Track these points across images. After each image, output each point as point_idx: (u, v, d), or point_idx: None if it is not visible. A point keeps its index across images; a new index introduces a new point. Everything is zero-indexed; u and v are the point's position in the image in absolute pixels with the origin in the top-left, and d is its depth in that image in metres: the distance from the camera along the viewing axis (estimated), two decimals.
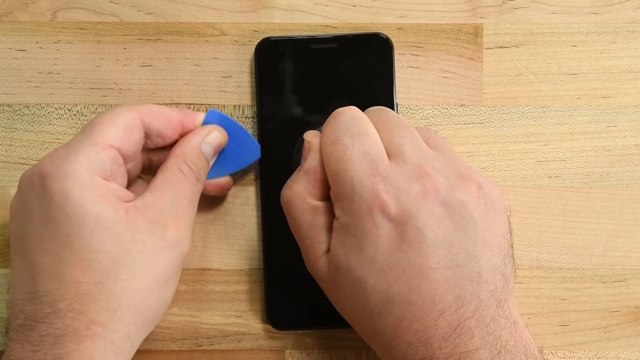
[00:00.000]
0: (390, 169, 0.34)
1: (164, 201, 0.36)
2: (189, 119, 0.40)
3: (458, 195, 0.34)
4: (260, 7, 0.44)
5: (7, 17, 0.44)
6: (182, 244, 0.37)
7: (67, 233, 0.34)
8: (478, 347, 0.32)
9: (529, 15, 0.44)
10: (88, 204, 0.34)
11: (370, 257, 0.34)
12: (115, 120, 0.36)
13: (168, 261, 0.36)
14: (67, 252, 0.34)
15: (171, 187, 0.37)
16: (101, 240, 0.34)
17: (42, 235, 0.34)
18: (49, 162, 0.35)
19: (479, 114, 0.44)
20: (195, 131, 0.39)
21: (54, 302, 0.33)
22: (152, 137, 0.38)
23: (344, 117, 0.37)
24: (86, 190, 0.34)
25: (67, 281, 0.33)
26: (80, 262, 0.34)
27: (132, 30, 0.44)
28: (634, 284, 0.44)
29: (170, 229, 0.36)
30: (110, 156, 0.35)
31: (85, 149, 0.35)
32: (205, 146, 0.39)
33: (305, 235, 0.37)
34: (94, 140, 0.35)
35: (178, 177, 0.37)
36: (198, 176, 0.38)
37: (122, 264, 0.34)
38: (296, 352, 0.44)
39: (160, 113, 0.38)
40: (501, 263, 0.34)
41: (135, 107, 0.37)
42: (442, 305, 0.33)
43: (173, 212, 0.36)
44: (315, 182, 0.37)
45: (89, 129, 0.36)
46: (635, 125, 0.44)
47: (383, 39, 0.43)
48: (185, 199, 0.37)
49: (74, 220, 0.34)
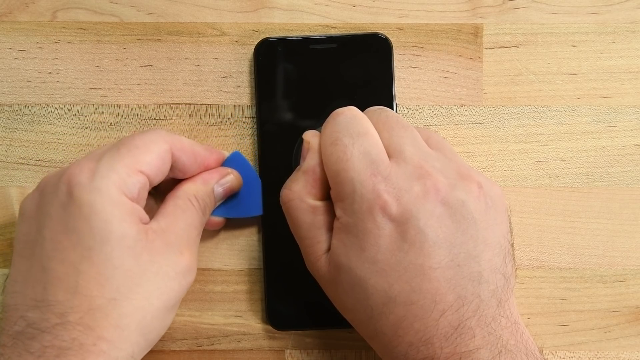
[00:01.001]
0: (390, 168, 0.34)
1: (178, 227, 0.37)
2: (213, 157, 0.40)
3: (459, 195, 0.34)
4: (260, 7, 0.44)
5: (7, 17, 0.44)
6: (192, 273, 0.37)
7: (89, 246, 0.33)
8: (479, 346, 0.32)
9: (529, 15, 0.44)
10: (114, 221, 0.34)
11: (371, 257, 0.34)
12: (151, 148, 0.36)
13: (179, 287, 0.36)
14: (85, 264, 0.33)
15: (183, 215, 0.37)
16: (121, 258, 0.34)
17: (61, 243, 0.34)
18: (79, 172, 0.35)
19: (479, 114, 0.44)
20: (215, 170, 0.40)
21: (64, 313, 0.33)
22: (176, 170, 0.39)
23: (343, 117, 0.37)
24: (114, 208, 0.34)
25: (81, 294, 0.33)
26: (97, 277, 0.33)
27: (132, 30, 0.44)
28: (634, 284, 0.44)
29: (185, 255, 0.36)
30: (140, 181, 0.36)
31: (118, 168, 0.35)
32: (217, 187, 0.40)
33: (304, 235, 0.37)
34: (128, 162, 0.35)
35: (188, 206, 0.38)
36: (204, 211, 0.39)
37: (138, 283, 0.34)
38: (296, 352, 0.44)
39: (190, 149, 0.38)
40: (502, 263, 0.34)
41: (170, 138, 0.38)
42: (443, 305, 0.33)
43: (186, 239, 0.37)
44: (314, 182, 0.37)
45: (125, 149, 0.36)
46: (635, 125, 0.44)
47: (382, 39, 0.43)
48: (195, 229, 0.38)
49: (98, 234, 0.33)
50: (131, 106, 0.44)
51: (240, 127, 0.44)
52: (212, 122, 0.44)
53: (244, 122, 0.44)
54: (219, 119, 0.44)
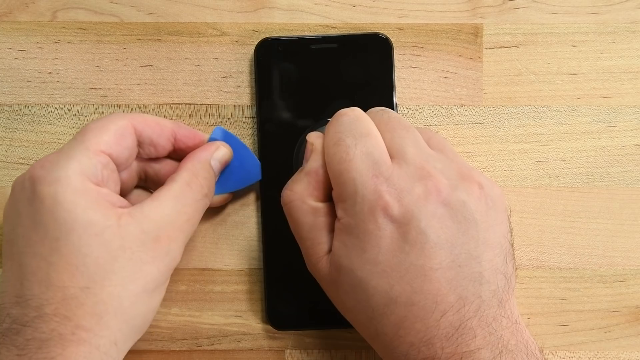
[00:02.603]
0: (392, 170, 0.34)
1: (161, 212, 0.36)
2: (182, 129, 0.40)
3: (460, 195, 0.34)
4: (260, 7, 0.44)
5: (7, 17, 0.44)
6: (172, 256, 0.36)
7: (56, 237, 0.33)
8: (480, 346, 0.32)
9: (529, 15, 0.44)
10: (78, 209, 0.34)
11: (372, 258, 0.34)
12: (107, 127, 0.36)
13: (157, 270, 0.36)
14: (54, 256, 0.33)
15: (173, 200, 0.36)
16: (89, 246, 0.34)
17: (31, 239, 0.34)
18: (40, 167, 0.35)
19: (479, 114, 0.44)
20: (203, 147, 0.40)
21: (40, 306, 0.33)
22: (145, 145, 0.38)
23: (346, 117, 0.37)
24: (77, 196, 0.34)
25: (54, 285, 0.33)
26: (67, 267, 0.33)
27: (132, 30, 0.44)
28: (634, 284, 0.44)
29: (162, 241, 0.36)
30: (102, 162, 0.35)
31: (76, 155, 0.35)
32: (214, 162, 0.39)
33: (305, 236, 0.37)
34: (86, 145, 0.35)
35: (184, 191, 0.37)
36: (207, 192, 0.38)
37: (110, 270, 0.34)
38: (296, 352, 0.44)
39: (153, 122, 0.38)
40: (502, 263, 0.34)
41: (129, 115, 0.38)
42: (444, 306, 0.33)
43: (169, 225, 0.36)
44: (316, 184, 0.37)
45: (81, 135, 0.36)
46: (635, 125, 0.44)
47: (383, 39, 0.43)
48: (185, 215, 0.37)
49: (63, 225, 0.33)
50: (131, 106, 0.44)
51: (240, 127, 0.44)
52: (212, 122, 0.44)
53: (244, 122, 0.44)
54: (219, 119, 0.44)
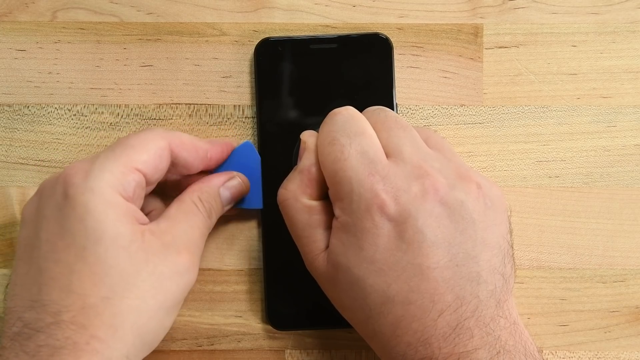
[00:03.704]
0: (389, 168, 0.34)
1: (178, 228, 0.36)
2: (216, 149, 0.40)
3: (458, 195, 0.34)
4: (260, 7, 0.44)
5: (7, 17, 0.44)
6: (191, 273, 0.37)
7: (83, 246, 0.33)
8: (477, 347, 0.32)
9: (529, 15, 0.44)
10: (108, 221, 0.34)
11: (369, 256, 0.34)
12: (147, 146, 0.36)
13: (176, 287, 0.36)
14: (79, 264, 0.33)
15: (185, 217, 0.37)
16: (116, 257, 0.34)
17: (57, 244, 0.34)
18: (74, 173, 0.35)
19: (479, 114, 0.44)
20: (219, 174, 0.40)
21: (57, 312, 0.33)
22: (178, 167, 0.39)
23: (340, 117, 0.37)
24: (108, 208, 0.34)
25: (75, 292, 0.33)
26: (91, 276, 0.33)
27: (132, 30, 0.44)
28: (634, 284, 0.44)
29: (183, 255, 0.36)
30: (136, 179, 0.36)
31: (113, 168, 0.35)
32: (224, 190, 0.40)
33: (300, 234, 0.37)
34: (123, 161, 0.35)
35: (192, 209, 0.38)
36: (210, 214, 0.39)
37: (132, 282, 0.34)
38: (296, 352, 0.44)
39: (190, 144, 0.39)
40: (500, 263, 0.34)
41: (168, 135, 0.38)
42: (442, 305, 0.33)
43: (186, 240, 0.36)
44: (309, 182, 0.37)
45: (120, 149, 0.36)
46: (635, 125, 0.44)
47: (383, 39, 0.43)
48: (198, 230, 0.37)
49: (92, 234, 0.33)
50: (131, 106, 0.44)
51: (240, 127, 0.44)
52: (212, 122, 0.44)
53: (244, 122, 0.44)
54: (219, 119, 0.44)
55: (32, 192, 0.43)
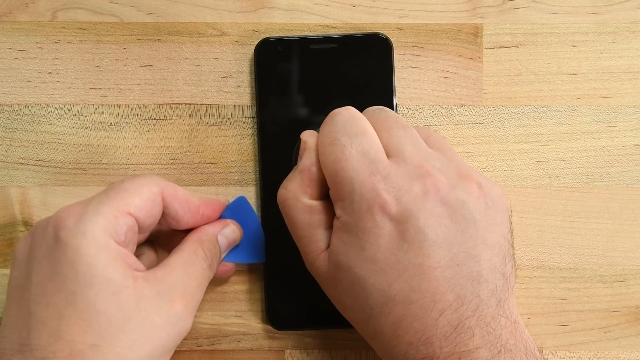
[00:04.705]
0: (390, 168, 0.34)
1: (174, 277, 0.36)
2: (210, 207, 0.40)
3: (458, 194, 0.34)
4: (260, 7, 0.44)
5: (7, 17, 0.44)
6: (184, 322, 0.36)
7: (73, 290, 0.33)
8: (478, 346, 0.32)
9: (529, 15, 0.44)
10: (99, 265, 0.33)
11: (370, 256, 0.34)
12: (140, 190, 0.36)
13: (167, 335, 0.35)
14: (69, 309, 0.33)
15: (184, 266, 0.37)
16: (105, 303, 0.33)
17: (46, 287, 0.33)
18: (66, 216, 0.34)
19: (479, 114, 0.44)
20: (214, 222, 0.40)
21: (45, 357, 0.32)
22: (169, 218, 0.38)
23: (340, 117, 0.37)
24: (100, 252, 0.33)
25: (63, 339, 0.33)
26: (79, 322, 0.33)
27: (132, 30, 0.44)
28: (634, 284, 0.44)
29: (177, 304, 0.35)
30: (128, 224, 0.35)
31: (105, 212, 0.34)
32: (221, 237, 0.40)
33: (301, 234, 0.37)
34: (116, 205, 0.35)
35: (192, 259, 0.37)
36: (211, 263, 0.39)
37: (122, 330, 0.33)
38: (296, 352, 0.44)
39: (183, 197, 0.38)
40: (501, 262, 0.34)
41: (162, 183, 0.37)
42: (443, 305, 0.33)
43: (182, 289, 0.36)
44: (309, 182, 0.37)
45: (113, 193, 0.35)
46: (635, 125, 0.44)
47: (383, 39, 0.43)
48: (196, 280, 0.37)
49: (82, 278, 0.33)
50: (131, 106, 0.44)
51: (240, 127, 0.44)
52: (212, 122, 0.44)
53: (244, 122, 0.44)
54: (219, 119, 0.44)
55: (32, 192, 0.43)
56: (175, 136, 0.44)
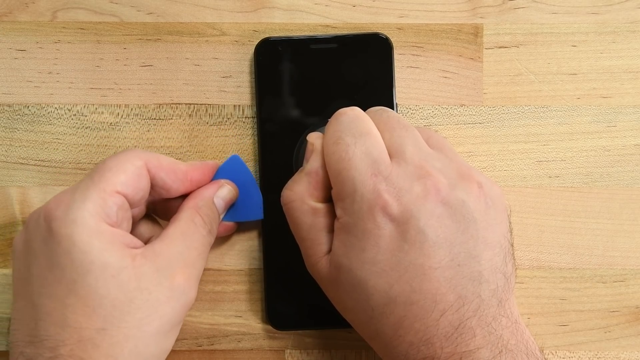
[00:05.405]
0: (391, 169, 0.34)
1: (173, 250, 0.36)
2: (198, 172, 0.40)
3: (459, 195, 0.34)
4: (260, 7, 0.44)
5: (7, 17, 0.44)
6: (187, 295, 0.36)
7: (73, 279, 0.33)
8: (479, 346, 0.32)
9: (529, 15, 0.44)
10: (94, 251, 0.33)
11: (371, 257, 0.34)
12: (123, 167, 0.36)
13: (172, 310, 0.35)
14: (71, 297, 0.33)
15: (182, 237, 0.37)
16: (106, 287, 0.33)
17: (47, 279, 0.34)
18: (55, 207, 0.34)
19: (479, 114, 0.44)
20: (208, 185, 0.40)
21: (55, 346, 0.33)
22: (157, 188, 0.38)
23: (346, 117, 0.37)
24: (93, 237, 0.33)
25: (70, 326, 0.33)
26: (84, 308, 0.33)
27: (132, 30, 0.44)
28: (634, 284, 0.44)
29: (178, 278, 0.35)
30: (117, 203, 0.35)
31: (93, 196, 0.34)
32: (217, 199, 0.40)
33: (305, 236, 0.37)
34: (102, 186, 0.35)
35: (190, 228, 0.37)
36: (210, 228, 0.38)
37: (126, 311, 0.34)
38: (296, 352, 0.44)
39: (168, 166, 0.38)
40: (502, 262, 0.34)
41: (145, 155, 0.37)
42: (444, 305, 0.33)
43: (182, 262, 0.36)
44: (316, 184, 0.37)
45: (97, 175, 0.35)
46: (635, 125, 0.44)
47: (383, 39, 0.43)
48: (195, 250, 0.37)
49: (79, 266, 0.33)
50: (131, 106, 0.44)
51: (240, 127, 0.44)
52: (212, 122, 0.44)
53: (244, 122, 0.44)
54: (219, 119, 0.44)
55: (32, 192, 0.43)
56: (175, 136, 0.44)
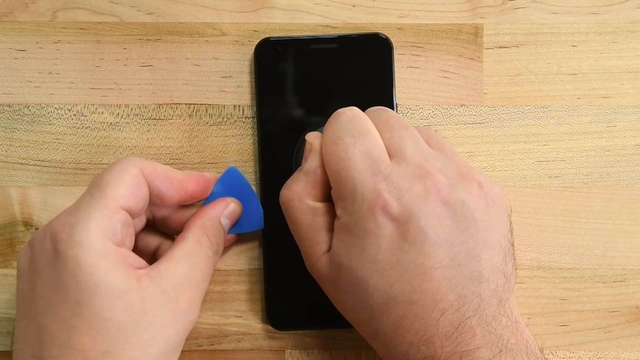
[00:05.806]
0: (391, 168, 0.34)
1: (178, 272, 0.36)
2: (192, 181, 0.39)
3: (459, 194, 0.34)
4: (260, 7, 0.44)
5: (7, 17, 0.44)
6: (190, 316, 0.36)
7: (78, 301, 0.33)
8: (479, 345, 0.32)
9: (529, 15, 0.44)
10: (100, 273, 0.33)
11: (371, 256, 0.34)
12: (121, 179, 0.36)
13: (175, 332, 0.35)
14: (76, 319, 0.33)
15: (188, 259, 0.36)
16: (111, 310, 0.33)
17: (52, 300, 0.34)
18: (61, 228, 0.34)
19: (479, 114, 0.44)
20: (214, 203, 0.40)
21: None
22: (152, 196, 0.38)
23: (344, 117, 0.37)
24: (99, 259, 0.33)
25: (74, 349, 0.33)
26: (88, 331, 0.33)
27: (132, 30, 0.44)
28: (634, 284, 0.44)
29: (181, 300, 0.35)
30: (121, 220, 0.35)
31: (96, 215, 0.34)
32: (223, 219, 0.40)
33: (304, 235, 0.37)
34: (104, 203, 0.35)
35: (197, 249, 0.37)
36: (217, 249, 0.38)
37: (131, 333, 0.34)
38: (296, 352, 0.44)
39: (163, 174, 0.38)
40: (502, 262, 0.34)
41: (140, 163, 0.37)
42: (444, 304, 0.33)
43: (187, 284, 0.36)
44: (314, 183, 0.37)
45: (97, 191, 0.35)
46: (635, 125, 0.44)
47: (383, 39, 0.43)
48: (200, 272, 0.37)
49: (85, 288, 0.33)
50: (131, 106, 0.44)
51: (240, 127, 0.44)
52: (212, 122, 0.44)
53: (244, 122, 0.44)
54: (219, 119, 0.44)
55: (32, 192, 0.43)
56: (175, 136, 0.44)
